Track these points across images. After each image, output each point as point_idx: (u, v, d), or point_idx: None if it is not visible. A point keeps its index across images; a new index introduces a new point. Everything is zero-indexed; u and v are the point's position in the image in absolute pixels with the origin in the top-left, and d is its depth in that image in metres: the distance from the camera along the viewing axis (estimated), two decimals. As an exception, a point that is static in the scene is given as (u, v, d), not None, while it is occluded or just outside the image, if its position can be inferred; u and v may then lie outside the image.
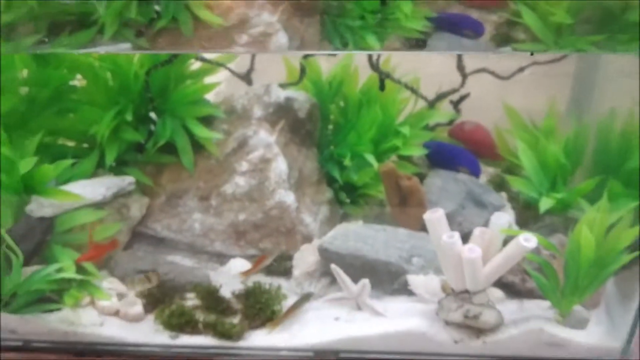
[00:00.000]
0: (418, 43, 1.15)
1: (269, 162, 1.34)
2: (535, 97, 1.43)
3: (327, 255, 1.27)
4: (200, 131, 1.33)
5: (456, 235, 1.12)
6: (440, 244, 1.13)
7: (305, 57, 1.38)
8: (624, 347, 1.17)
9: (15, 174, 1.20)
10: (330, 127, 1.46)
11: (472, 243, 1.13)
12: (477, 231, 1.14)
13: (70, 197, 1.23)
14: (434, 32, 1.17)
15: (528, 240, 1.08)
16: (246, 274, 1.24)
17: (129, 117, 1.29)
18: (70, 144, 1.37)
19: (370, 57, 1.36)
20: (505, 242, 1.15)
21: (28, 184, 1.22)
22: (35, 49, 1.17)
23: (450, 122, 1.47)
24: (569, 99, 1.46)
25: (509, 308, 1.21)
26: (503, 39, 1.17)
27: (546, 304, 1.21)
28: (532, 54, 1.20)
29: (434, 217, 1.13)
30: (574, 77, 1.44)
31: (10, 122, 1.24)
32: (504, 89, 1.40)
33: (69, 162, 1.26)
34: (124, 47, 1.15)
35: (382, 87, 1.38)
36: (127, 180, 1.31)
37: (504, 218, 1.15)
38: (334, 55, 1.37)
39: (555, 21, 1.13)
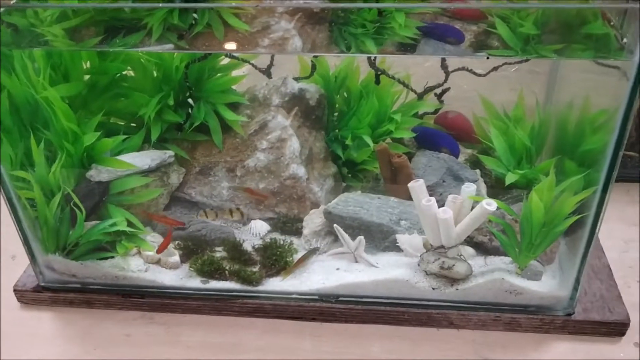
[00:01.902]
0: (409, 48, 1.26)
1: (284, 142, 1.46)
2: (517, 90, 1.52)
3: (330, 218, 1.41)
4: (229, 115, 1.46)
5: (432, 200, 1.27)
6: (420, 207, 1.28)
7: (316, 56, 1.49)
8: (571, 294, 1.32)
9: (80, 146, 1.34)
10: (336, 113, 1.57)
11: (446, 207, 1.28)
12: (450, 197, 1.29)
13: (124, 165, 1.37)
14: (422, 38, 1.27)
15: (489, 204, 1.23)
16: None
17: (170, 102, 1.43)
18: (121, 122, 1.50)
19: (369, 57, 1.47)
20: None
21: (90, 154, 1.37)
22: (97, 48, 1.30)
23: (436, 111, 1.58)
24: (545, 91, 1.56)
25: (478, 262, 1.36)
26: (480, 46, 1.27)
27: (508, 259, 1.35)
28: (487, 58, 1.29)
29: (416, 185, 1.28)
30: (549, 74, 1.54)
31: (76, 103, 1.37)
32: (490, 85, 1.49)
33: (122, 137, 1.40)
34: (167, 47, 1.26)
35: (377, 81, 1.50)
36: (167, 154, 1.45)
37: (472, 187, 1.28)
38: (339, 55, 1.49)
39: (524, 32, 1.24)
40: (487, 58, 1.28)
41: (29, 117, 1.33)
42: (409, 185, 1.29)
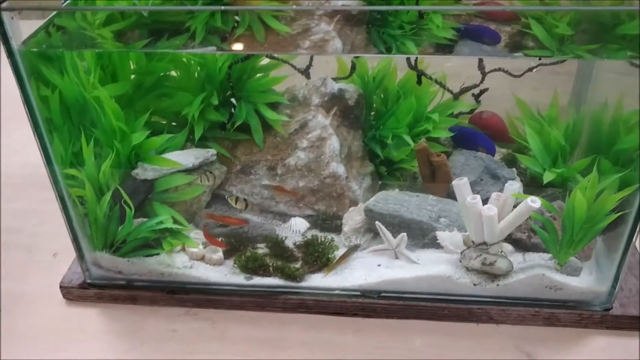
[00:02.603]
0: (446, 49, 1.28)
1: (324, 140, 1.47)
2: (544, 90, 1.52)
3: (371, 215, 1.41)
4: (270, 114, 1.47)
5: (477, 198, 1.27)
6: (465, 204, 1.29)
7: (356, 57, 1.49)
8: (609, 290, 1.33)
9: (128, 144, 1.35)
10: (373, 113, 1.57)
11: (490, 204, 1.29)
12: (494, 195, 1.30)
13: (169, 163, 1.38)
14: (459, 39, 1.28)
15: (534, 201, 1.24)
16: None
17: (215, 101, 1.43)
18: (163, 121, 1.50)
19: (408, 58, 1.47)
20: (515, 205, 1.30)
21: (137, 152, 1.37)
22: (143, 49, 1.31)
23: (471, 111, 1.58)
24: (571, 92, 1.57)
25: (517, 259, 1.36)
26: (515, 46, 1.29)
27: (547, 255, 1.36)
28: (540, 59, 1.29)
29: (460, 183, 1.29)
30: (576, 75, 1.55)
31: (122, 103, 1.37)
32: (514, 85, 1.48)
33: (167, 136, 1.40)
34: (210, 49, 1.27)
35: (419, 82, 1.50)
36: (210, 152, 1.45)
37: (516, 185, 1.30)
38: (379, 56, 1.48)
39: (558, 32, 1.25)
40: (540, 59, 1.29)
41: (78, 116, 1.34)
42: (454, 183, 1.30)
